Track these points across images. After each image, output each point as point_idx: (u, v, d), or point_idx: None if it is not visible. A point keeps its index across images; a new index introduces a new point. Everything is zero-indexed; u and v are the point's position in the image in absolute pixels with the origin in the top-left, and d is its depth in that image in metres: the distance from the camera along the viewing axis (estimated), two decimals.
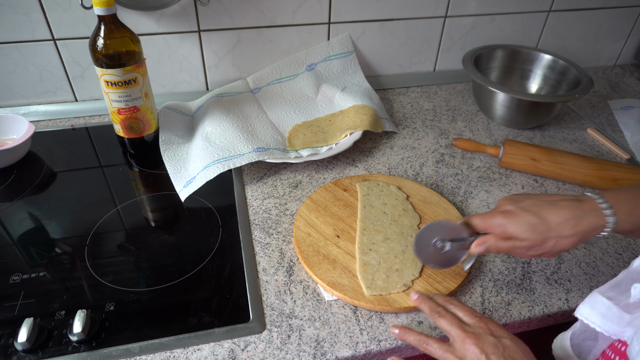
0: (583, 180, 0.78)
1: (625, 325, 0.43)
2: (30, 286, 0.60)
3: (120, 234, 0.68)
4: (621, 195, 0.50)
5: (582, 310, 0.46)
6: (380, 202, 0.71)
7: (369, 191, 0.73)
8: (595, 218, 0.49)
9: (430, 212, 0.70)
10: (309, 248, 0.64)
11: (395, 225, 0.67)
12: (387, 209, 0.70)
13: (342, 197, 0.72)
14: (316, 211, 0.70)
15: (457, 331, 0.50)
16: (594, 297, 0.46)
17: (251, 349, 0.54)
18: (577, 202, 0.51)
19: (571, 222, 0.50)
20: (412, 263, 0.62)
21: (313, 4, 0.94)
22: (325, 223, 0.68)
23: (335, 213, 0.70)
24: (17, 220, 0.70)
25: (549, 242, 0.51)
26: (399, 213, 0.69)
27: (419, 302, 0.56)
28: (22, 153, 0.81)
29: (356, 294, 0.58)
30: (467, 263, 0.60)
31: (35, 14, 0.83)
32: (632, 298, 0.43)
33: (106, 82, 0.73)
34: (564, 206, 0.51)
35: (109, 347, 0.53)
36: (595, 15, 1.10)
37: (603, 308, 0.44)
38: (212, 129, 0.82)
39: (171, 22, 0.89)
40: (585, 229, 0.49)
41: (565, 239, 0.50)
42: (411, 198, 0.73)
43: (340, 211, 0.70)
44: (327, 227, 0.67)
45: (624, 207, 0.49)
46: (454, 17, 1.02)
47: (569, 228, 0.50)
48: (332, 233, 0.66)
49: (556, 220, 0.50)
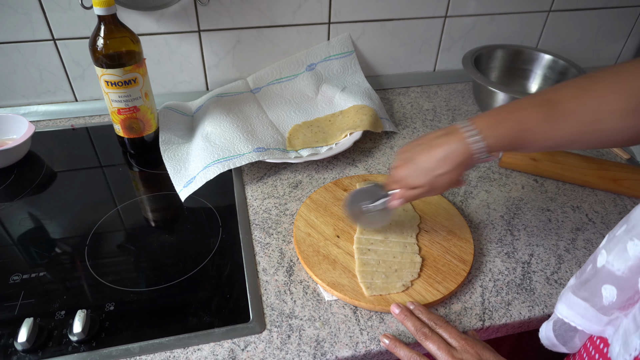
0: (583, 180, 0.78)
1: (605, 325, 0.44)
2: (30, 286, 0.60)
3: (120, 234, 0.68)
4: (488, 119, 0.51)
5: (561, 310, 0.47)
6: None
7: None
8: (465, 147, 0.51)
9: (430, 212, 0.70)
10: (309, 248, 0.64)
11: (394, 226, 0.67)
12: None
13: (342, 197, 0.72)
14: (316, 211, 0.70)
15: (446, 357, 0.49)
16: (568, 297, 0.46)
17: (251, 349, 0.54)
18: (446, 136, 0.53)
19: (444, 159, 0.52)
20: (411, 264, 0.62)
21: (313, 4, 0.94)
22: (325, 223, 0.68)
23: (335, 213, 0.70)
24: (17, 220, 0.70)
25: (437, 181, 0.54)
26: (398, 213, 0.69)
27: (402, 318, 0.54)
28: (22, 153, 0.81)
29: (356, 294, 0.58)
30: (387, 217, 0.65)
31: (35, 14, 0.83)
32: (605, 300, 0.43)
33: (106, 82, 0.73)
34: (436, 145, 0.53)
35: (109, 347, 0.53)
36: (595, 15, 1.10)
37: (580, 309, 0.45)
38: (212, 129, 0.82)
39: (171, 22, 0.89)
40: (459, 160, 0.52)
41: (445, 175, 0.53)
42: None
43: (340, 211, 0.70)
44: (327, 227, 0.67)
45: (492, 130, 0.50)
46: (454, 17, 1.02)
47: (444, 166, 0.52)
48: (332, 233, 0.66)
49: (431, 163, 0.53)
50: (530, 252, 0.67)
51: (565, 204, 0.76)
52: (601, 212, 0.74)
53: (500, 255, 0.66)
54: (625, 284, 0.41)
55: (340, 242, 0.65)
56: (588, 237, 0.70)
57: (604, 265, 0.43)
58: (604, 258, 0.43)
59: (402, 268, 0.61)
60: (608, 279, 0.42)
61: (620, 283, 0.41)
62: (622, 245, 0.41)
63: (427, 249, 0.65)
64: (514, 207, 0.75)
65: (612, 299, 0.42)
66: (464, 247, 0.65)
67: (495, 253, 0.67)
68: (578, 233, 0.70)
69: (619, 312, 0.43)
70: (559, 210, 0.75)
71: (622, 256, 0.41)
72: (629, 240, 0.41)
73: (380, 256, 0.63)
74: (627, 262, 0.40)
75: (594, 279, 0.44)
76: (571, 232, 0.71)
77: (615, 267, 0.41)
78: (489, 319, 0.58)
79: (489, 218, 0.73)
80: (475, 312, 0.59)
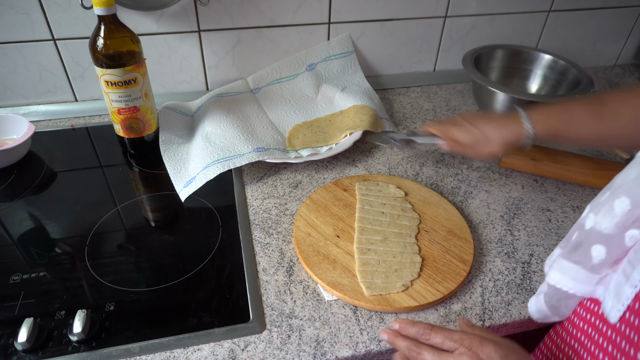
0: (583, 180, 0.78)
1: (595, 284, 0.47)
2: (30, 286, 0.60)
3: (121, 234, 0.68)
4: (542, 111, 0.63)
5: (553, 276, 0.50)
6: (379, 202, 0.71)
7: (368, 191, 0.73)
8: (519, 130, 0.62)
9: (430, 212, 0.70)
10: (309, 248, 0.64)
11: (393, 226, 0.67)
12: (386, 209, 0.70)
13: (342, 197, 0.72)
14: (316, 211, 0.70)
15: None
16: (560, 263, 0.49)
17: (251, 349, 0.54)
18: (508, 117, 0.64)
19: (497, 128, 0.64)
20: (411, 264, 0.62)
21: (313, 4, 0.94)
22: (325, 223, 0.68)
23: (335, 213, 0.70)
24: (17, 220, 0.70)
25: (482, 148, 0.65)
26: (397, 213, 0.69)
27: (392, 340, 0.51)
28: (22, 153, 0.81)
29: (356, 294, 0.58)
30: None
31: (35, 14, 0.83)
32: (594, 259, 0.46)
33: (106, 82, 0.73)
34: (497, 120, 0.66)
35: (109, 347, 0.53)
36: (595, 15, 1.10)
37: (572, 272, 0.48)
38: (212, 129, 0.82)
39: (171, 22, 0.89)
40: (508, 134, 0.63)
41: (492, 147, 0.65)
42: (410, 198, 0.73)
43: (340, 211, 0.70)
44: (327, 227, 0.67)
45: (543, 119, 0.62)
46: (454, 17, 1.02)
47: (495, 133, 0.64)
48: (332, 233, 0.66)
49: (487, 133, 0.65)
50: (530, 252, 0.67)
51: (566, 204, 0.76)
52: None
53: (500, 255, 0.66)
54: (613, 240, 0.44)
55: (340, 242, 0.65)
56: None
57: (592, 227, 0.46)
58: (591, 220, 0.46)
59: (402, 268, 0.61)
60: (597, 238, 0.45)
61: (609, 241, 0.44)
62: (609, 205, 0.44)
63: (427, 249, 0.65)
64: (514, 207, 0.75)
65: (601, 257, 0.45)
66: (464, 247, 0.65)
67: (495, 253, 0.67)
68: None
69: (608, 269, 0.46)
70: (559, 210, 0.75)
71: (609, 214, 0.44)
72: (616, 198, 0.44)
73: (380, 256, 0.63)
74: (614, 220, 0.44)
75: (583, 241, 0.47)
76: None
77: (603, 226, 0.45)
78: (489, 319, 0.58)
79: (489, 218, 0.73)
80: (475, 312, 0.59)
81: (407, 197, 0.73)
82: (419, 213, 0.70)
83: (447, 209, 0.71)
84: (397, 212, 0.69)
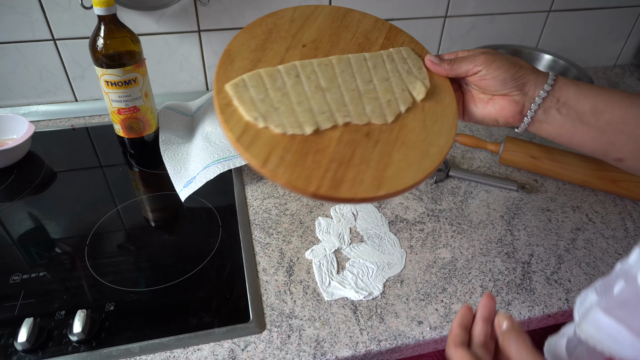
0: (582, 180, 0.78)
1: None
2: (30, 286, 0.60)
3: (121, 234, 0.68)
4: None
5: (587, 329, 0.41)
6: (383, 72, 0.51)
7: (397, 57, 0.53)
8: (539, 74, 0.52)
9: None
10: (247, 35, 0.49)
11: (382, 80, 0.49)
12: (377, 82, 0.50)
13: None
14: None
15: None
16: (597, 316, 0.40)
17: (251, 349, 0.54)
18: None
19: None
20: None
21: (313, 4, 0.93)
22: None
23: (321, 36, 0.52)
24: (17, 220, 0.70)
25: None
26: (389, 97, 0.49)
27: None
28: (22, 153, 0.81)
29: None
30: None
31: (35, 13, 0.83)
32: None
33: (106, 82, 0.73)
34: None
35: (109, 347, 0.53)
36: (595, 15, 1.10)
37: (612, 331, 0.39)
38: (212, 128, 0.82)
39: (171, 22, 0.89)
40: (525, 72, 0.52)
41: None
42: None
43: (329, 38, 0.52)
44: (307, 32, 0.52)
45: (571, 86, 0.51)
46: (454, 17, 1.02)
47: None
48: (307, 39, 0.51)
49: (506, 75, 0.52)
50: (530, 252, 0.67)
51: (565, 204, 0.76)
52: (601, 212, 0.74)
53: (500, 255, 0.66)
54: None
55: (300, 51, 0.49)
56: (588, 237, 0.70)
57: None
58: None
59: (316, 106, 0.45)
60: None
61: None
62: None
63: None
64: (514, 207, 0.75)
65: None
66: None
67: (495, 253, 0.67)
68: (578, 233, 0.71)
69: None
70: (559, 210, 0.75)
71: None
72: None
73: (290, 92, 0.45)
74: None
75: (631, 296, 0.38)
76: (571, 232, 0.71)
77: None
78: None
79: (489, 218, 0.73)
80: None
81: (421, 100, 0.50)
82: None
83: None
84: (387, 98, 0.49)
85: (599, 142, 0.51)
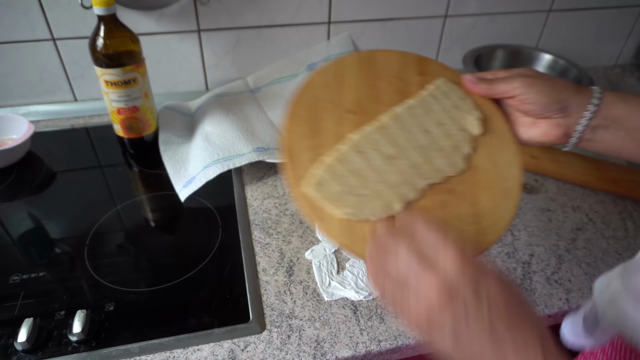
0: (582, 180, 0.78)
1: None
2: (30, 286, 0.60)
3: (120, 234, 0.68)
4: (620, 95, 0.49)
5: (612, 318, 0.41)
6: (435, 117, 0.50)
7: (442, 95, 0.52)
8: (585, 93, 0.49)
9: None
10: (304, 100, 0.48)
11: (417, 152, 0.47)
12: (435, 129, 0.49)
13: (409, 78, 0.53)
14: (360, 69, 0.52)
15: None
16: (624, 308, 0.39)
17: (251, 349, 0.54)
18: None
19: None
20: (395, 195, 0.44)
21: (313, 4, 0.93)
22: (355, 89, 0.50)
23: (377, 86, 0.51)
24: (17, 220, 0.70)
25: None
26: (445, 148, 0.48)
27: None
28: (22, 153, 0.81)
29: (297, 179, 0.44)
30: None
31: (35, 13, 0.83)
32: None
33: (106, 82, 0.73)
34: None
35: (108, 347, 0.53)
36: (595, 15, 1.10)
37: (638, 324, 0.39)
38: (212, 129, 0.82)
39: (171, 22, 0.89)
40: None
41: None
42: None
43: (385, 89, 0.51)
44: (350, 94, 0.50)
45: (619, 102, 0.48)
46: (454, 16, 1.02)
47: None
48: (351, 103, 0.49)
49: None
50: (530, 252, 0.67)
51: (566, 204, 0.76)
52: (601, 212, 0.74)
53: (500, 255, 0.66)
54: None
55: (348, 119, 0.48)
56: (588, 237, 0.70)
57: None
58: None
59: (379, 197, 0.44)
60: None
61: None
62: None
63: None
64: None
65: None
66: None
67: (495, 253, 0.67)
68: (578, 233, 0.70)
69: None
70: (559, 210, 0.75)
71: None
72: None
73: (362, 168, 0.44)
74: None
75: None
76: (571, 232, 0.71)
77: None
78: None
79: None
80: None
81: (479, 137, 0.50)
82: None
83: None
84: (445, 144, 0.48)
85: None
